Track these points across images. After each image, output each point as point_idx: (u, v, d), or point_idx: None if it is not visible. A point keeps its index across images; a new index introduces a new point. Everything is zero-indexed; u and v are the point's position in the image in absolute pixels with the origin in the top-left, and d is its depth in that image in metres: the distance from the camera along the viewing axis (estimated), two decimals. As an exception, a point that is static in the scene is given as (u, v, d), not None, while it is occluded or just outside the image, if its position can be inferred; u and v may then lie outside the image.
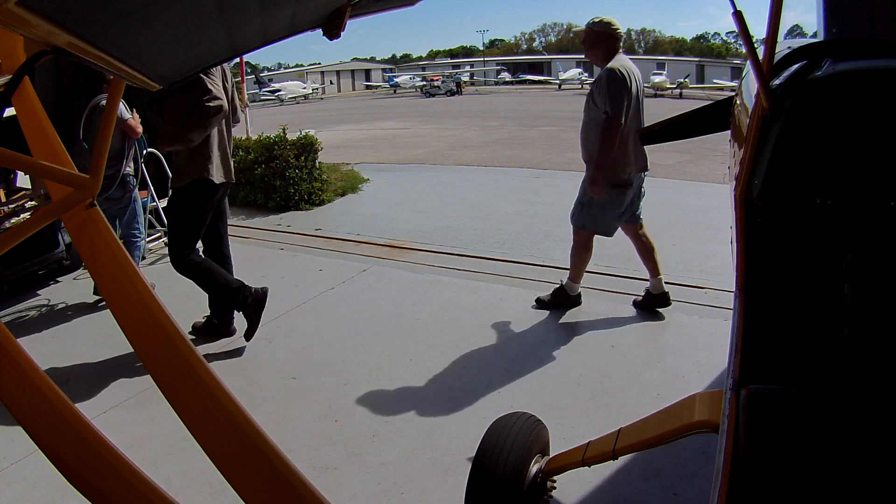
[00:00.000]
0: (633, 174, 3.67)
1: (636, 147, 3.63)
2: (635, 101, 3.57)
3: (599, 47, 3.64)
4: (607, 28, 3.62)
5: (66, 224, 1.46)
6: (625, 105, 3.45)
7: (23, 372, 1.11)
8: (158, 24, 1.02)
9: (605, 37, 3.62)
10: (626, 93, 3.46)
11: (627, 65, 3.56)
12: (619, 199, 3.68)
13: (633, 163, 3.65)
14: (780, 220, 1.29)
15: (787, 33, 2.50)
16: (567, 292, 4.03)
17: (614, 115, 3.44)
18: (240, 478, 1.18)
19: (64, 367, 3.54)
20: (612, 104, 3.44)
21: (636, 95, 3.57)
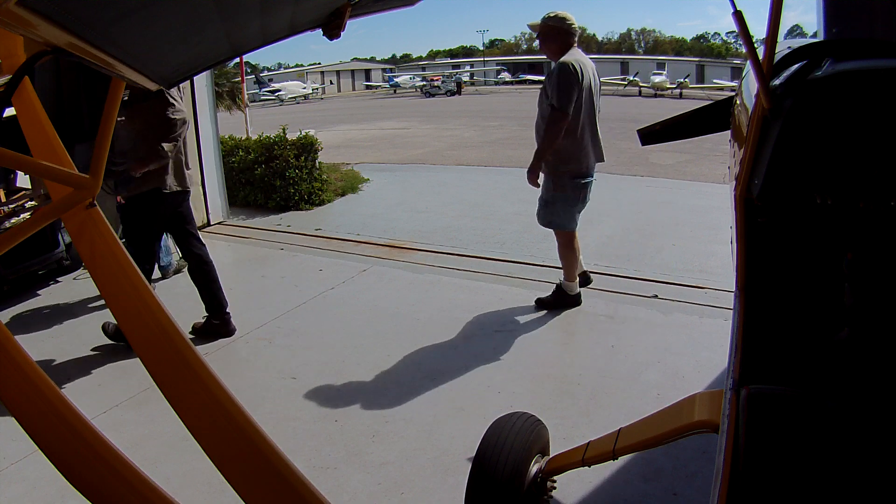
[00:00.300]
0: (592, 166, 3.74)
1: (593, 139, 3.70)
2: (587, 95, 3.59)
3: (554, 42, 3.67)
4: (562, 23, 3.64)
5: (66, 224, 1.46)
6: (573, 99, 3.49)
7: (23, 372, 1.11)
8: (158, 24, 1.02)
9: (559, 31, 3.65)
10: (575, 87, 3.49)
11: (581, 59, 3.58)
12: (582, 192, 3.75)
13: (591, 155, 3.72)
14: (780, 220, 1.29)
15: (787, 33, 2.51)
16: (566, 292, 4.03)
17: (560, 108, 3.49)
18: (240, 478, 1.18)
19: (64, 367, 3.54)
20: (560, 97, 3.48)
21: (588, 89, 3.60)
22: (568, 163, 3.66)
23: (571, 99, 3.48)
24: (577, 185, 3.71)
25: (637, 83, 40.46)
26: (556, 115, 3.51)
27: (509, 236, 5.84)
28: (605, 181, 8.85)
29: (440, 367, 3.39)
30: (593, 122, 3.70)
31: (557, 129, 3.53)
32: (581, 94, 3.53)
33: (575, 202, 3.76)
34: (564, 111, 3.49)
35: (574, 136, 3.60)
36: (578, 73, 3.50)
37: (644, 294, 4.26)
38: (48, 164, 1.39)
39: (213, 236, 6.25)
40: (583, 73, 3.53)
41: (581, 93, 3.53)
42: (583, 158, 3.68)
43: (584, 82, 3.54)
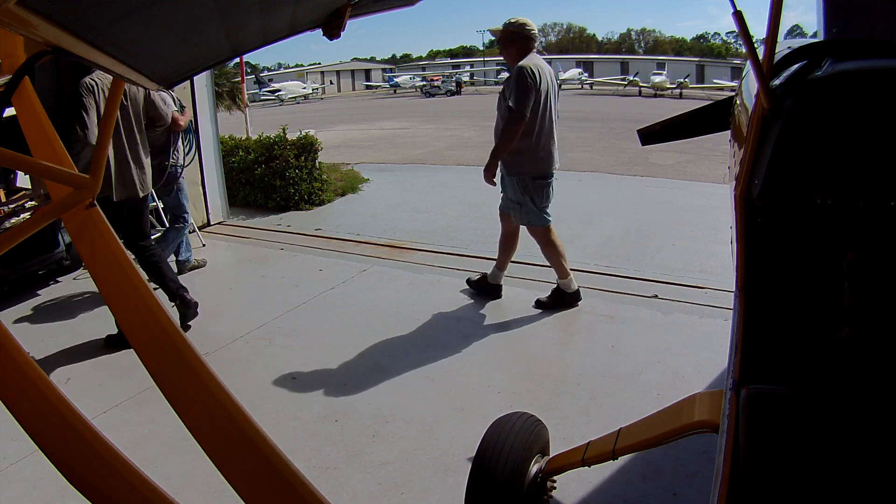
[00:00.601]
0: (552, 169, 3.87)
1: (552, 142, 3.84)
2: (544, 98, 3.71)
3: (513, 46, 3.78)
4: (521, 29, 3.77)
5: (66, 224, 1.46)
6: (530, 101, 3.60)
7: (23, 372, 1.11)
8: (158, 25, 1.02)
9: (518, 37, 3.77)
10: (533, 90, 3.61)
11: (539, 64, 3.71)
12: (547, 191, 3.89)
13: (553, 158, 3.86)
14: (780, 220, 1.29)
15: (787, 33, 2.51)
16: (565, 291, 4.06)
17: (518, 110, 3.60)
18: (240, 478, 1.18)
19: (64, 366, 3.54)
20: (518, 99, 3.59)
21: (546, 94, 3.71)
22: (530, 165, 3.80)
23: (529, 101, 3.60)
24: (540, 185, 3.84)
25: (637, 83, 40.46)
26: (514, 117, 3.63)
27: (509, 236, 5.83)
28: (605, 181, 8.91)
29: (440, 367, 3.39)
30: (551, 126, 3.82)
31: (514, 130, 3.65)
32: (539, 98, 3.66)
33: (542, 201, 3.89)
34: (522, 113, 3.60)
35: (532, 139, 3.73)
36: (536, 77, 3.62)
37: (644, 294, 4.26)
38: (48, 164, 1.39)
39: (213, 236, 6.25)
40: (540, 78, 3.65)
41: (539, 96, 3.65)
42: (543, 160, 3.81)
43: (541, 86, 3.66)
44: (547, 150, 3.80)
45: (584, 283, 4.49)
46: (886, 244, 1.24)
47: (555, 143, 3.86)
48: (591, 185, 8.49)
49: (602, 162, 11.09)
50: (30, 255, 4.63)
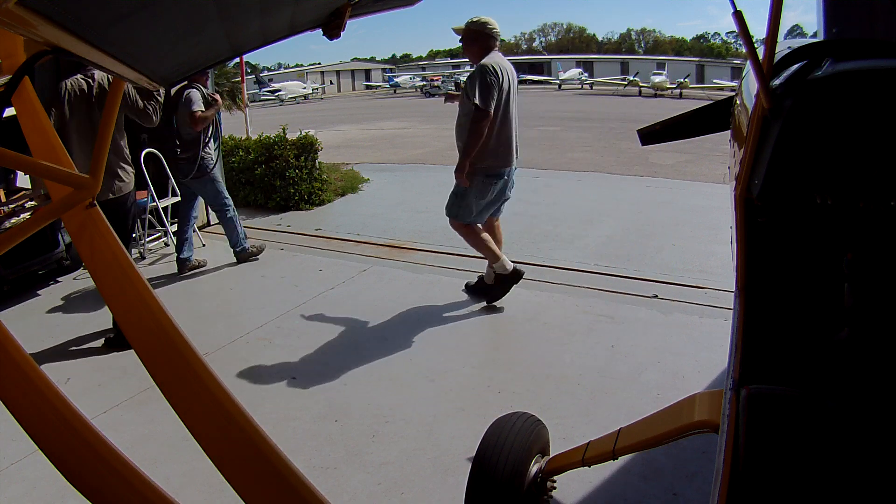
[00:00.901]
0: (505, 166, 3.88)
1: (510, 139, 3.87)
2: (506, 96, 3.75)
3: (475, 44, 3.84)
4: (483, 27, 3.82)
5: (66, 224, 1.46)
6: (494, 99, 3.65)
7: (23, 372, 1.11)
8: (158, 25, 1.02)
9: (480, 35, 3.83)
10: (496, 87, 3.65)
11: (501, 62, 3.76)
12: (491, 188, 3.89)
13: (507, 156, 3.87)
14: (780, 220, 1.29)
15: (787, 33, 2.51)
16: (503, 273, 4.07)
17: (483, 107, 3.64)
18: (240, 478, 1.18)
19: (64, 367, 3.54)
20: (482, 97, 3.63)
21: (507, 91, 3.75)
22: (482, 160, 3.80)
23: (492, 97, 3.64)
24: (487, 182, 3.86)
25: (637, 83, 40.45)
26: (480, 115, 3.65)
27: (509, 236, 5.80)
28: (605, 181, 8.91)
29: (440, 367, 3.39)
30: (510, 123, 3.84)
31: (481, 128, 3.67)
32: (500, 95, 3.70)
33: (482, 197, 3.90)
34: (487, 110, 3.65)
35: (490, 136, 3.75)
36: (498, 75, 3.67)
37: (644, 294, 4.26)
38: (48, 164, 1.39)
39: (213, 236, 6.25)
40: (502, 75, 3.70)
41: (500, 94, 3.70)
42: (497, 157, 3.83)
43: (503, 84, 3.71)
44: (503, 147, 3.83)
45: (585, 283, 4.50)
46: (886, 244, 1.24)
47: (514, 140, 3.89)
48: (591, 185, 8.49)
49: (602, 162, 11.09)
50: (30, 255, 4.64)
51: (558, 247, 5.45)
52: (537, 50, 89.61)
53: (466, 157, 3.75)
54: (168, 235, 5.73)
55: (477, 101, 3.63)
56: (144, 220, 5.58)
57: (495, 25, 3.85)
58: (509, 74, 3.79)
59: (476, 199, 3.90)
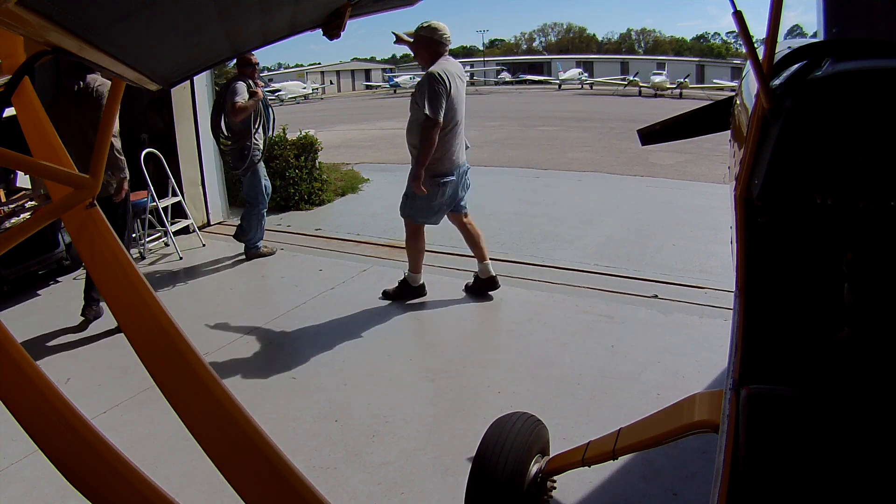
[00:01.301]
0: (453, 168, 3.99)
1: (461, 144, 4.02)
2: (456, 102, 3.85)
3: (425, 51, 3.91)
4: (433, 34, 3.87)
5: (66, 224, 1.46)
6: (443, 106, 3.74)
7: (23, 372, 1.11)
8: (158, 25, 1.02)
9: (430, 42, 3.88)
10: (444, 95, 3.74)
11: (449, 68, 3.84)
12: (441, 189, 3.98)
13: (455, 158, 3.98)
14: (780, 220, 1.29)
15: (787, 33, 2.50)
16: (410, 284, 4.27)
17: (433, 117, 3.72)
18: (240, 478, 1.18)
19: (64, 367, 3.54)
20: (431, 106, 3.72)
21: (455, 97, 3.83)
22: (431, 163, 3.89)
23: (441, 106, 3.75)
24: (436, 184, 3.95)
25: (637, 83, 40.46)
26: (429, 123, 3.74)
27: (509, 236, 5.84)
28: (605, 181, 8.91)
29: (440, 367, 3.39)
30: (456, 128, 3.95)
31: (432, 136, 3.77)
32: (449, 102, 3.79)
33: (433, 198, 3.99)
34: (436, 119, 3.74)
35: (438, 141, 3.85)
36: (446, 82, 3.75)
37: (644, 294, 4.26)
38: (48, 164, 1.39)
39: (213, 236, 6.25)
40: (450, 82, 3.78)
41: (449, 101, 3.79)
42: (444, 160, 3.93)
43: (451, 90, 3.79)
44: (449, 150, 3.94)
45: (585, 283, 4.50)
46: (886, 244, 1.24)
47: (459, 143, 4.02)
48: (591, 185, 8.49)
49: (602, 162, 11.09)
50: (30, 255, 4.64)
51: (558, 247, 5.45)
52: (537, 50, 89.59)
53: (420, 165, 3.85)
54: (168, 235, 5.73)
55: (427, 111, 3.72)
56: (144, 220, 5.58)
57: (445, 31, 3.90)
58: (458, 80, 3.88)
59: (426, 202, 4.00)
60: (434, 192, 3.96)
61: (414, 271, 4.26)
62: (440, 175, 3.95)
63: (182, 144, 6.20)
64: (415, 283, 4.29)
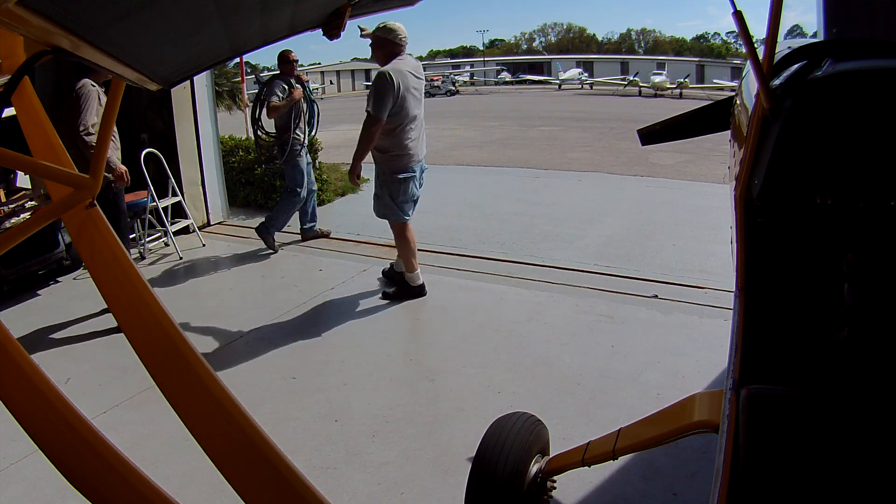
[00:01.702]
0: (412, 164, 4.10)
1: (421, 141, 4.14)
2: (405, 100, 3.93)
3: (380, 50, 4.04)
4: (388, 34, 3.99)
5: (66, 224, 1.46)
6: (387, 105, 3.84)
7: (23, 372, 1.11)
8: (158, 25, 1.02)
9: (385, 42, 4.00)
10: (390, 94, 3.84)
11: (402, 67, 3.93)
12: (403, 186, 4.10)
13: (413, 154, 4.09)
14: (780, 220, 1.29)
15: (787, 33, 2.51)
16: (409, 284, 4.33)
17: (374, 113, 3.85)
18: (240, 478, 1.18)
19: (64, 367, 3.54)
20: (374, 104, 3.85)
21: (405, 95, 3.92)
22: (389, 161, 4.04)
23: (385, 105, 3.84)
24: (398, 180, 4.06)
25: (637, 83, 40.44)
26: (370, 120, 3.89)
27: (509, 236, 5.84)
28: (605, 181, 8.91)
29: (440, 367, 3.39)
30: (412, 124, 4.04)
31: (372, 133, 3.91)
32: (398, 101, 3.89)
33: (398, 194, 4.10)
34: (377, 116, 3.85)
35: (393, 136, 3.97)
36: (394, 82, 3.85)
37: (644, 294, 4.26)
38: (48, 164, 1.39)
39: (213, 236, 6.25)
40: (400, 82, 3.87)
41: (398, 99, 3.88)
42: (403, 156, 4.05)
43: (401, 90, 3.88)
44: (406, 147, 4.03)
45: (585, 283, 4.50)
46: (886, 244, 1.24)
47: (418, 139, 4.11)
48: (591, 185, 8.49)
49: (602, 162, 11.09)
50: (30, 255, 4.63)
51: (558, 247, 5.45)
52: (537, 50, 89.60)
53: (357, 159, 4.05)
54: (168, 235, 5.73)
55: (369, 108, 3.86)
56: (144, 220, 5.58)
57: (401, 33, 4.02)
58: (412, 78, 3.98)
59: (394, 198, 4.11)
60: (397, 188, 4.07)
61: (409, 271, 4.31)
62: (400, 171, 4.05)
63: (182, 144, 6.19)
64: (414, 283, 4.32)
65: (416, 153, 4.09)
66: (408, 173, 4.07)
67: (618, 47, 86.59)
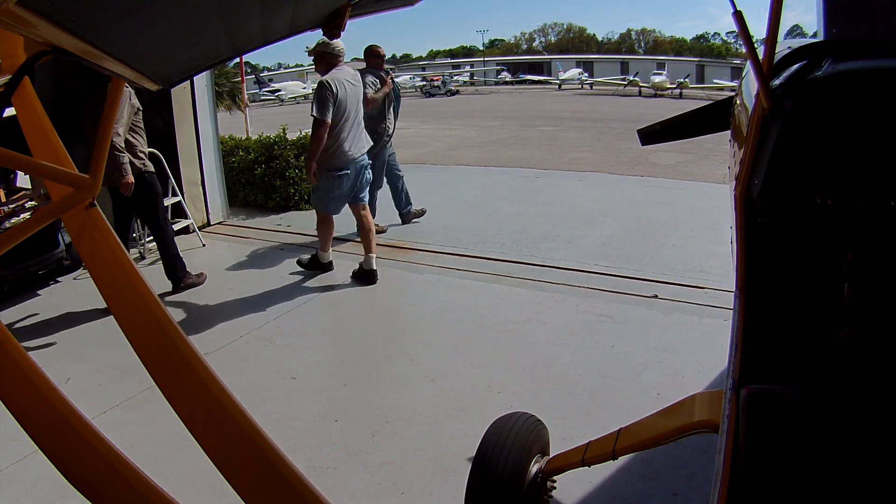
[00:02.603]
0: (347, 163, 4.52)
1: (354, 141, 4.56)
2: (345, 104, 4.45)
3: (320, 63, 4.62)
4: (327, 48, 4.57)
5: (66, 224, 1.46)
6: (329, 109, 4.34)
7: (23, 372, 1.11)
8: (158, 25, 1.02)
9: (324, 55, 4.57)
10: (330, 99, 4.35)
11: (339, 76, 4.47)
12: (337, 182, 4.54)
13: (348, 153, 4.52)
14: (780, 220, 1.29)
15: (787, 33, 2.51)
16: (320, 260, 4.94)
17: (319, 116, 4.35)
18: (240, 478, 1.18)
19: (64, 367, 3.54)
20: (317, 108, 4.37)
21: (345, 100, 4.44)
22: (325, 160, 4.48)
23: (327, 109, 4.34)
24: (332, 177, 4.51)
25: (637, 83, 40.44)
26: (316, 123, 4.38)
27: (509, 236, 5.84)
28: (605, 181, 8.90)
29: (440, 367, 3.39)
30: (349, 126, 4.50)
31: (320, 134, 4.37)
32: (337, 105, 4.39)
33: (331, 190, 4.57)
34: (322, 119, 4.35)
35: (329, 137, 4.43)
36: (333, 88, 4.37)
37: (644, 294, 4.26)
38: (48, 164, 1.39)
39: (213, 236, 6.25)
40: (338, 88, 4.40)
41: (336, 104, 4.38)
42: (338, 155, 4.49)
43: (339, 96, 4.39)
44: (341, 147, 4.47)
45: (584, 283, 4.50)
46: (886, 244, 1.24)
47: (353, 140, 4.54)
48: (591, 185, 8.49)
49: (602, 162, 11.09)
50: (30, 255, 4.63)
51: (558, 247, 5.45)
52: (537, 50, 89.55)
53: (310, 159, 4.46)
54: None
55: (314, 112, 4.35)
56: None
57: (337, 46, 4.58)
58: (348, 85, 4.48)
59: (326, 194, 4.60)
60: (331, 184, 4.52)
61: (323, 250, 4.94)
62: (335, 169, 4.49)
63: (182, 144, 6.19)
64: (324, 260, 4.95)
65: (351, 152, 4.52)
66: (342, 171, 4.50)
67: (618, 47, 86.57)
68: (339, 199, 4.64)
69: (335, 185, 4.53)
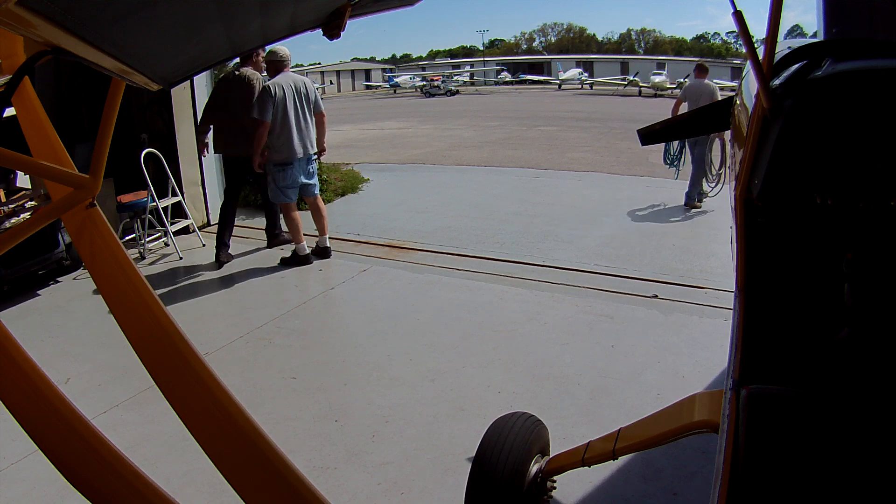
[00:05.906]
0: (291, 158, 5.02)
1: (300, 137, 5.04)
2: (283, 106, 4.92)
3: (269, 69, 5.17)
4: (273, 56, 5.12)
5: (66, 224, 1.46)
6: (268, 110, 4.86)
7: (23, 372, 1.11)
8: (158, 24, 1.02)
9: (271, 62, 5.12)
10: (269, 101, 4.86)
11: (281, 81, 4.97)
12: (285, 173, 5.05)
13: (292, 149, 5.00)
14: (780, 220, 1.29)
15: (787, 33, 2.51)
16: (297, 254, 5.23)
17: (259, 117, 4.86)
18: (240, 478, 1.18)
19: (64, 367, 3.54)
20: (258, 110, 4.87)
21: (283, 102, 4.92)
22: (272, 154, 5.02)
23: (267, 110, 4.85)
24: (278, 170, 5.04)
25: (637, 83, 40.46)
26: (255, 122, 4.88)
27: (509, 236, 5.84)
28: (605, 181, 8.91)
29: (440, 367, 3.39)
30: (290, 125, 4.96)
31: (261, 132, 4.89)
32: (277, 106, 4.88)
33: (281, 181, 5.07)
34: (262, 120, 4.85)
35: (273, 136, 4.94)
36: (273, 91, 4.89)
37: (644, 294, 4.26)
38: (48, 164, 1.39)
39: (213, 236, 6.24)
40: (277, 91, 4.90)
41: (277, 104, 4.88)
42: (282, 151, 4.99)
43: (277, 98, 4.89)
44: (284, 143, 4.96)
45: (585, 283, 4.50)
46: (886, 244, 1.24)
47: (296, 138, 5.00)
48: (591, 185, 8.50)
49: (602, 162, 11.10)
50: (30, 255, 4.63)
51: (558, 247, 5.45)
52: (537, 50, 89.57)
53: (254, 155, 4.97)
54: (168, 235, 5.73)
55: (255, 114, 4.85)
56: (144, 220, 5.58)
57: (281, 52, 5.08)
58: (292, 88, 4.99)
59: (276, 185, 5.09)
60: (278, 177, 5.05)
61: (297, 243, 5.21)
62: (280, 163, 5.02)
63: (182, 144, 6.20)
64: (301, 253, 5.22)
65: (295, 149, 5.00)
66: (285, 165, 5.01)
67: (618, 47, 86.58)
68: (290, 187, 5.10)
69: (281, 176, 5.04)
